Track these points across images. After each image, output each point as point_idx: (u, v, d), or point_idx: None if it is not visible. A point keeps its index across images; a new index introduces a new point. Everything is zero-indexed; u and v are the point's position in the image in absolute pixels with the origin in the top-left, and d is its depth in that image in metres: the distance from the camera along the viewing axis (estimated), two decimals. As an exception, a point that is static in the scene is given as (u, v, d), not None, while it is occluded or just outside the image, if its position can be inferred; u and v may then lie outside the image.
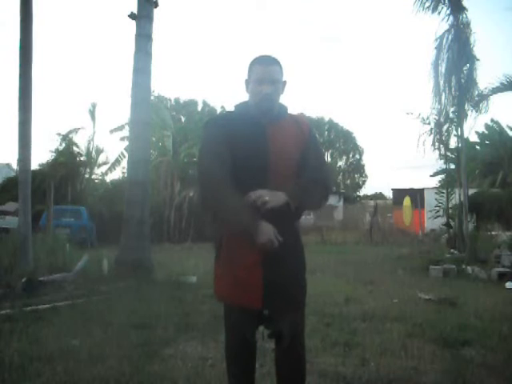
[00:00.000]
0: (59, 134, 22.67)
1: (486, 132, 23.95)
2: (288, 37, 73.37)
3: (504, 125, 23.85)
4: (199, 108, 32.93)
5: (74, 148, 22.71)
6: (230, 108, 2.39)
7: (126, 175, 14.20)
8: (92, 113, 22.94)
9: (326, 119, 44.06)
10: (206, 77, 68.13)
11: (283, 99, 2.27)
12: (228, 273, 2.15)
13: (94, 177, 23.16)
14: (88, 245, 13.29)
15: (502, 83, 11.03)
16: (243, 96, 2.28)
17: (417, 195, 19.28)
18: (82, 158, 22.47)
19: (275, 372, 2.28)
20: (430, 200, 16.13)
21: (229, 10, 69.63)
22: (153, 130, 18.77)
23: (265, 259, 2.06)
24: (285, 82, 2.24)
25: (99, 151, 22.76)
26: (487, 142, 23.92)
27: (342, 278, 8.01)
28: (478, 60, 10.61)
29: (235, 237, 2.11)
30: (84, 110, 34.93)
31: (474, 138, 23.94)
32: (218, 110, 29.33)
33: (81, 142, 23.00)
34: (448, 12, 10.75)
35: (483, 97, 11.06)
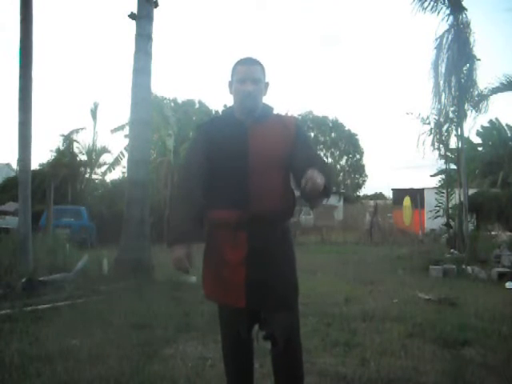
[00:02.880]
0: (62, 135, 22.71)
1: (487, 131, 23.94)
2: (289, 37, 73.40)
3: (503, 124, 23.85)
4: (197, 108, 32.92)
5: (75, 148, 22.72)
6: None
7: (126, 175, 14.19)
8: (94, 113, 22.93)
9: (331, 118, 44.06)
10: (206, 77, 68.12)
11: (283, 99, 2.30)
12: (213, 271, 2.20)
13: (94, 177, 23.17)
14: (88, 245, 13.28)
15: (501, 83, 11.04)
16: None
17: (417, 195, 19.26)
18: (82, 158, 22.48)
19: (273, 372, 2.28)
20: (430, 200, 16.10)
21: (229, 10, 69.67)
22: (155, 129, 18.77)
23: (249, 258, 2.09)
24: (267, 83, 2.28)
25: (101, 151, 22.74)
26: (490, 143, 23.90)
27: (342, 278, 8.01)
28: (479, 60, 10.61)
29: (220, 236, 2.16)
30: (85, 110, 35.05)
31: (475, 139, 23.97)
32: (219, 110, 29.30)
33: (82, 141, 23.01)
34: (448, 12, 10.75)
35: (483, 97, 11.06)
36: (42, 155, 37.13)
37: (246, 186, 2.10)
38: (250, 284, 2.09)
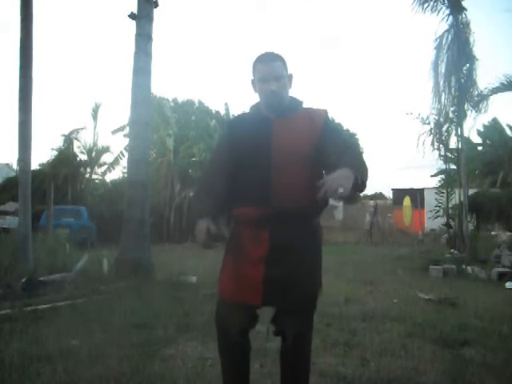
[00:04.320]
0: (62, 135, 22.72)
1: (488, 130, 23.94)
2: (288, 38, 73.39)
3: (504, 124, 23.86)
4: (197, 108, 32.90)
5: (75, 148, 22.73)
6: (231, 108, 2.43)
7: (126, 175, 14.20)
8: (94, 112, 22.93)
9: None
10: (206, 77, 68.10)
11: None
12: (232, 268, 2.17)
13: (94, 177, 23.17)
14: (88, 245, 13.28)
15: (501, 83, 11.05)
16: (244, 96, 2.30)
17: (417, 195, 19.28)
18: (82, 158, 22.49)
19: (280, 368, 2.28)
20: (429, 200, 16.12)
21: (229, 10, 69.68)
22: (155, 129, 18.76)
23: (269, 256, 2.07)
24: (291, 75, 2.24)
25: (101, 151, 22.74)
26: (488, 142, 23.90)
27: (342, 278, 8.00)
28: (477, 60, 10.63)
29: (242, 233, 2.16)
30: (86, 110, 35.03)
31: (475, 139, 23.98)
32: (219, 110, 29.28)
33: (82, 141, 23.01)
34: (448, 12, 10.77)
35: (483, 97, 11.08)
36: (42, 155, 37.15)
37: (269, 183, 2.07)
38: (268, 282, 2.06)
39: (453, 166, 13.21)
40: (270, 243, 2.08)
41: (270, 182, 2.07)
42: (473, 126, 19.10)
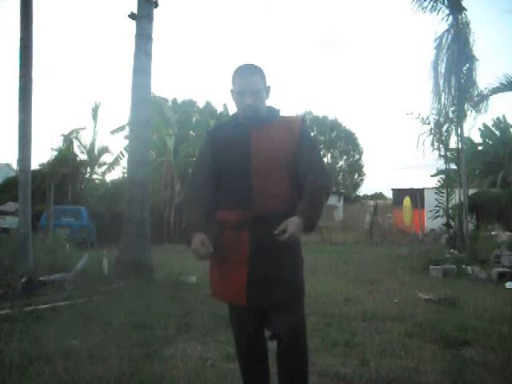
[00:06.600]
0: (62, 135, 22.72)
1: (489, 130, 23.88)
2: (289, 37, 73.39)
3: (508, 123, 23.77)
4: (198, 108, 32.92)
5: (75, 148, 22.72)
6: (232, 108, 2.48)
7: (126, 175, 14.19)
8: (94, 112, 22.91)
9: (331, 118, 44.17)
10: (206, 77, 68.07)
11: (282, 99, 2.31)
12: (218, 270, 2.27)
13: (94, 177, 23.16)
14: (88, 245, 13.28)
15: (501, 83, 11.03)
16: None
17: (417, 195, 19.22)
18: (82, 158, 22.47)
19: (277, 371, 2.29)
20: (430, 200, 16.09)
21: (229, 10, 69.65)
22: (155, 129, 18.74)
23: (251, 258, 2.15)
24: (268, 87, 2.32)
25: (101, 151, 22.73)
26: (490, 143, 23.85)
27: (342, 278, 8.01)
28: (477, 60, 10.63)
29: (225, 236, 2.23)
30: (86, 110, 35.08)
31: (476, 138, 23.95)
32: (219, 110, 29.30)
33: (82, 141, 22.98)
34: (447, 12, 10.76)
35: (483, 97, 11.07)
36: (42, 155, 37.15)
37: (249, 188, 2.16)
38: (251, 283, 2.14)
39: (453, 166, 13.20)
40: (251, 246, 2.16)
41: (250, 187, 2.16)
42: (473, 126, 19.09)
